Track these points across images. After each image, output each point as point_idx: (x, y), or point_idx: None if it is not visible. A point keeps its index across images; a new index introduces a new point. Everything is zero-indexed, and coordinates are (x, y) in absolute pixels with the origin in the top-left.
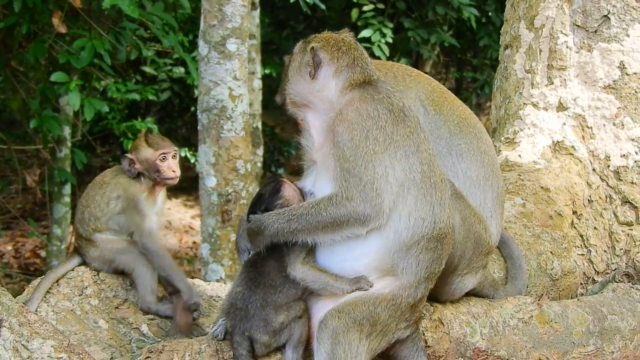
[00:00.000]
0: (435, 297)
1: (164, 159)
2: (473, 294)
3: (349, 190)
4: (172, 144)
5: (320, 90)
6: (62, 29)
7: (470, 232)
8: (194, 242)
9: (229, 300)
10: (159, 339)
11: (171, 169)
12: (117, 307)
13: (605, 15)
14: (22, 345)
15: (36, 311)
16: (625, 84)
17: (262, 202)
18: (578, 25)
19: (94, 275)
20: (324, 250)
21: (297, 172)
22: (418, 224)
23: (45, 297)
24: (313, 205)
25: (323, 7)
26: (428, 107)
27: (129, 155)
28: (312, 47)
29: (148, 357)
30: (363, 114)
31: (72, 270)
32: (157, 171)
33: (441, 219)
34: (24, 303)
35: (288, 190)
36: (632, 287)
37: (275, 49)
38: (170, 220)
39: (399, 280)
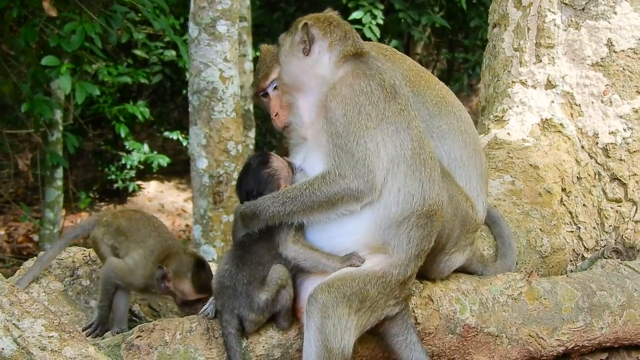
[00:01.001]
0: (424, 275)
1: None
2: (461, 269)
3: (341, 167)
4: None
5: (314, 65)
6: (53, 13)
7: (457, 210)
8: (187, 225)
9: (217, 279)
10: (150, 319)
11: (197, 310)
12: None
13: None
14: (13, 324)
15: (27, 291)
16: (613, 61)
17: (250, 172)
18: (565, 3)
19: (85, 256)
20: (315, 227)
21: (288, 154)
22: (407, 200)
23: (36, 277)
24: (307, 186)
25: None
26: (405, 87)
27: (166, 270)
28: (305, 24)
29: (139, 336)
30: (356, 89)
31: (64, 251)
32: (184, 304)
33: (430, 195)
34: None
35: (276, 161)
36: (620, 264)
37: (266, 31)
38: (163, 203)
39: (390, 258)
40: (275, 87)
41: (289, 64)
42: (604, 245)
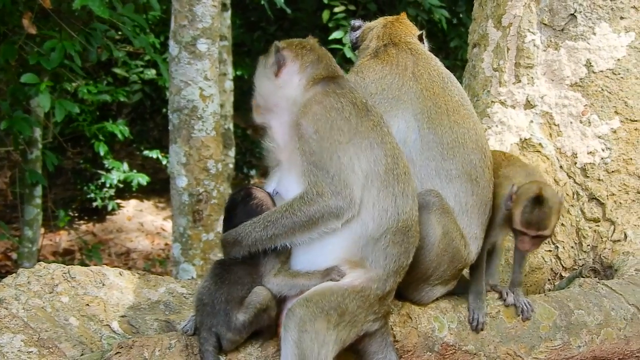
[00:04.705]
0: (405, 298)
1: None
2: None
3: (318, 186)
4: None
5: (283, 87)
6: (32, 30)
7: (449, 246)
8: (166, 244)
9: (196, 295)
10: (130, 336)
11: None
12: (87, 305)
13: (572, 14)
14: None
15: (6, 307)
16: (592, 81)
17: (237, 207)
18: (545, 24)
19: (65, 273)
20: (297, 252)
21: (268, 174)
22: (382, 215)
23: (15, 294)
24: (286, 208)
25: (289, 11)
26: (422, 123)
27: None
28: (276, 47)
29: (118, 352)
30: (327, 105)
31: (43, 267)
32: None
33: (404, 210)
34: None
35: (258, 192)
36: (598, 283)
37: (246, 50)
38: (142, 222)
39: (369, 273)
40: None
41: (261, 85)
42: (582, 265)
